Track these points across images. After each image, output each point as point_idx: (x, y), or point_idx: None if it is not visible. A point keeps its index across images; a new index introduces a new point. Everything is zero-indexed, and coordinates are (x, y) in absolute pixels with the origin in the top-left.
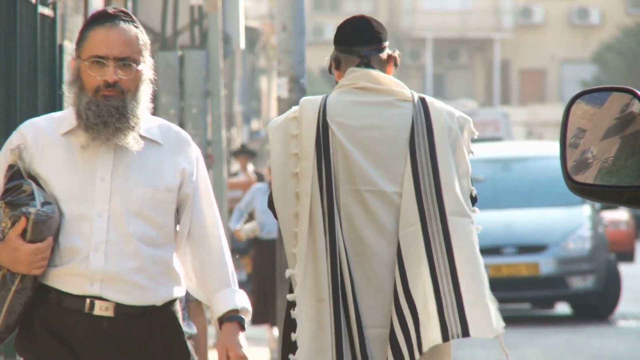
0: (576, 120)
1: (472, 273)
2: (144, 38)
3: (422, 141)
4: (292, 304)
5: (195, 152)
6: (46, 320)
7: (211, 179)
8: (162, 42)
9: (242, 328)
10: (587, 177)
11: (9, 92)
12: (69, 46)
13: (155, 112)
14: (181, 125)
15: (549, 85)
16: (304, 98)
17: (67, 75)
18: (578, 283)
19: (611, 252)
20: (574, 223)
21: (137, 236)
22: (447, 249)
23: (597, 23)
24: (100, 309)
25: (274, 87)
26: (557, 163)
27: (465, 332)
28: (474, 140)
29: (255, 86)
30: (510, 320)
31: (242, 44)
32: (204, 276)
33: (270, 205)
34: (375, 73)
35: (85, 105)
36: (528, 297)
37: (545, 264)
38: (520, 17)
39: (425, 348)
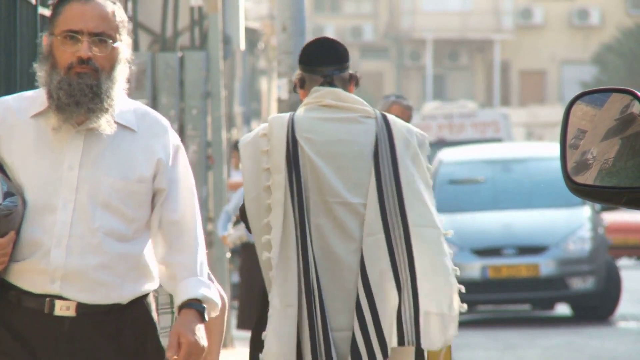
0: (576, 121)
1: (432, 281)
2: (121, 15)
3: (386, 155)
4: (267, 305)
5: (173, 140)
6: (6, 321)
7: (211, 180)
8: (162, 43)
9: (202, 318)
10: (587, 178)
11: (8, 92)
12: None
13: None
14: (181, 126)
15: (549, 86)
16: (272, 116)
17: None
18: (578, 284)
19: None
20: (574, 224)
21: (103, 230)
22: (408, 258)
23: (597, 24)
24: (61, 309)
25: (274, 88)
26: (557, 164)
27: (418, 342)
28: (473, 141)
29: (255, 87)
30: (510, 321)
31: (242, 45)
32: (172, 265)
33: (243, 217)
34: (339, 91)
35: (56, 84)
36: (528, 298)
37: (545, 265)
38: (520, 18)
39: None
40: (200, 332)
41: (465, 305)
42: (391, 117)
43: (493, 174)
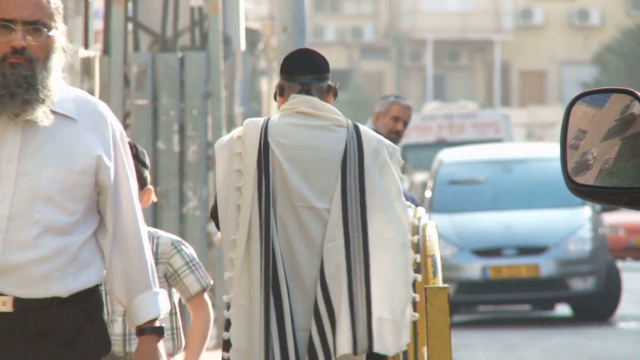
0: (576, 121)
1: (387, 289)
2: (56, 2)
3: (353, 164)
4: (227, 305)
5: (113, 129)
6: None
7: (211, 181)
8: (162, 44)
9: (161, 336)
10: (588, 178)
11: None
12: (70, 48)
13: (155, 113)
14: (182, 126)
15: (549, 87)
16: (248, 120)
17: (68, 77)
18: (578, 284)
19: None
20: (574, 224)
21: (43, 224)
22: (365, 266)
23: (597, 24)
24: None
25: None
26: (558, 164)
27: (371, 347)
28: (473, 141)
29: (255, 87)
30: (511, 321)
31: (243, 46)
32: (123, 278)
33: (213, 215)
34: (315, 100)
35: None
36: (528, 298)
37: (546, 266)
38: (520, 18)
39: (340, 353)
40: (162, 351)
41: (417, 314)
42: (363, 128)
43: (493, 175)
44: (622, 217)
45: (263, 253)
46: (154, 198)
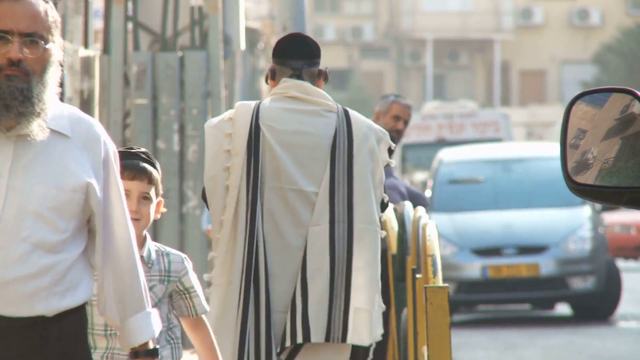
0: (576, 121)
1: (366, 278)
2: (54, 15)
3: (343, 149)
4: (207, 284)
5: (107, 149)
6: None
7: None
8: (162, 43)
9: (155, 357)
10: (588, 178)
11: None
12: (70, 47)
13: (155, 112)
14: (182, 126)
15: (549, 86)
16: (239, 102)
17: (68, 76)
18: (578, 284)
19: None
20: (574, 224)
21: (32, 241)
22: (348, 253)
23: (597, 24)
24: None
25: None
26: (557, 164)
27: (344, 338)
28: (473, 141)
29: (255, 87)
30: (511, 321)
31: (243, 45)
32: (116, 299)
33: (203, 196)
34: (306, 85)
35: None
36: (528, 297)
37: (546, 265)
38: (520, 18)
39: (313, 340)
40: None
41: (384, 306)
42: (353, 113)
43: (493, 174)
44: (634, 217)
45: (247, 235)
46: (163, 209)
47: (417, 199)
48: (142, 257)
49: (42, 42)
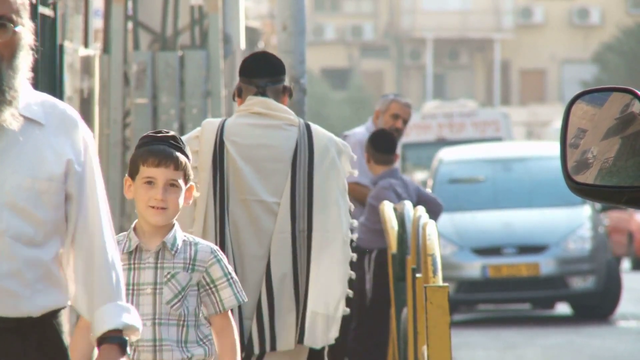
0: (576, 120)
1: (323, 284)
2: None
3: (303, 161)
4: None
5: (83, 135)
6: None
7: None
8: (162, 42)
9: (124, 350)
10: (588, 177)
11: None
12: (70, 46)
13: (155, 112)
14: (181, 125)
15: (549, 86)
16: (206, 120)
17: (68, 75)
18: (578, 283)
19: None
20: (574, 223)
21: (10, 234)
22: (307, 260)
23: (597, 23)
24: None
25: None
26: (557, 163)
27: (301, 341)
28: (473, 140)
29: None
30: (511, 320)
31: (243, 44)
32: (85, 288)
33: None
34: (269, 101)
35: None
36: (528, 297)
37: (546, 264)
38: (520, 17)
39: (281, 348)
40: None
41: (348, 310)
42: (314, 127)
43: (493, 173)
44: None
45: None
46: (195, 193)
47: (429, 204)
48: (164, 243)
49: (11, 25)
